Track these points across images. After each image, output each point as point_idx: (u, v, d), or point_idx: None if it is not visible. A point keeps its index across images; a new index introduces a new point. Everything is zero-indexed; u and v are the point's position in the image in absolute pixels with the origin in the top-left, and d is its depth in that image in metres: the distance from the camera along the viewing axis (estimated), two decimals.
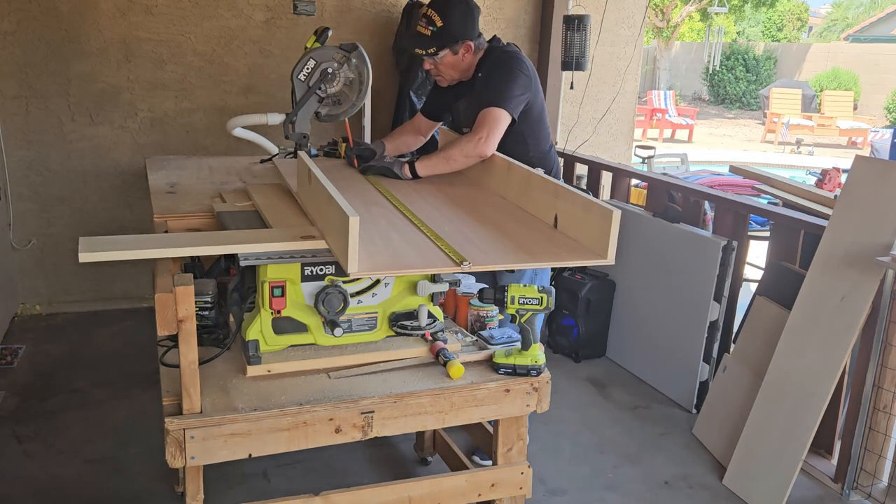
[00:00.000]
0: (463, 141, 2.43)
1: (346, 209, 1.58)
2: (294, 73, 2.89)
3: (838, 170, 5.34)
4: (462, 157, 2.42)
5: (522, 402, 1.94)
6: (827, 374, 2.60)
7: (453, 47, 2.54)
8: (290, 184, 2.30)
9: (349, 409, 1.76)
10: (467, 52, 2.57)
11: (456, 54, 2.56)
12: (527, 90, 2.54)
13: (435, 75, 2.68)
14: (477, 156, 2.40)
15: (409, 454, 2.91)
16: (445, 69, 2.61)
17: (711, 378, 3.29)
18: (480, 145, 2.38)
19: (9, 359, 3.55)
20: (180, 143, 4.22)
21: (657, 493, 2.77)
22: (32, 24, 3.85)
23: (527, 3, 4.78)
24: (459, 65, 2.60)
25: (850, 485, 2.73)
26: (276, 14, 4.24)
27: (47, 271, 4.16)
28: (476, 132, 2.41)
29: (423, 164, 2.45)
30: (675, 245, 3.49)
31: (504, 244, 1.83)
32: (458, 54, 2.56)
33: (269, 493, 2.58)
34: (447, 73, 2.64)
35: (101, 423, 3.04)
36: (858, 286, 2.58)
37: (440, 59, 2.56)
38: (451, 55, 2.56)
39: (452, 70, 2.62)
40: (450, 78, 2.65)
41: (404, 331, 1.97)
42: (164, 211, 2.23)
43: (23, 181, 4.01)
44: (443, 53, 2.55)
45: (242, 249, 1.76)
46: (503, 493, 2.05)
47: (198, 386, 1.65)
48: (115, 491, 2.62)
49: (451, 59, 2.57)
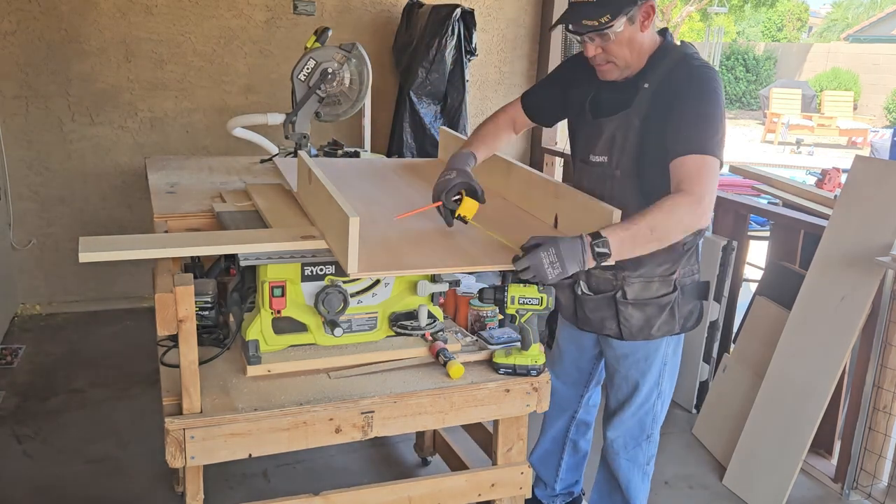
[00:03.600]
0: (678, 207, 1.71)
1: (346, 209, 1.58)
2: (294, 73, 2.89)
3: (838, 170, 5.33)
4: (680, 231, 1.75)
5: (522, 401, 1.94)
6: (827, 374, 2.60)
7: (630, 12, 1.78)
8: (290, 184, 2.30)
9: (349, 409, 1.76)
10: (647, 20, 1.82)
11: (633, 23, 1.81)
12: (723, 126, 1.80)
13: (601, 65, 1.89)
14: (697, 228, 1.77)
15: (409, 454, 2.91)
16: (619, 50, 1.84)
17: (711, 378, 3.29)
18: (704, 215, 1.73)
19: (9, 359, 3.55)
20: (180, 143, 4.22)
21: (657, 493, 2.77)
22: (32, 24, 3.85)
23: (527, 3, 4.79)
24: (636, 42, 1.84)
25: (850, 485, 2.73)
26: (276, 14, 4.24)
27: (47, 271, 4.16)
28: (692, 191, 1.71)
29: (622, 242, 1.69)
30: None
31: (505, 244, 1.83)
32: (637, 23, 1.81)
33: (269, 493, 2.58)
34: (621, 57, 1.85)
35: (101, 423, 3.04)
36: (858, 286, 2.58)
37: (616, 33, 1.80)
38: (628, 26, 1.80)
39: (628, 51, 1.84)
40: (623, 64, 1.87)
41: (404, 331, 1.97)
42: (164, 211, 2.23)
43: (23, 181, 4.01)
44: (618, 23, 1.78)
45: (242, 249, 1.76)
46: (503, 493, 2.05)
47: (198, 386, 1.65)
48: (115, 491, 2.62)
49: (628, 33, 1.81)
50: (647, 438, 2.16)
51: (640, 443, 2.16)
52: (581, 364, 2.31)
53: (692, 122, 1.76)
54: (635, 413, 2.14)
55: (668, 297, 1.98)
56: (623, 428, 2.17)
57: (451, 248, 1.81)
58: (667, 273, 1.97)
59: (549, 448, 2.47)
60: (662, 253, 1.84)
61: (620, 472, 2.21)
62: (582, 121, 2.01)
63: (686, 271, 2.00)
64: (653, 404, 2.12)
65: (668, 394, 2.14)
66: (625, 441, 2.18)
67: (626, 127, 1.88)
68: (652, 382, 2.10)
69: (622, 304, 1.98)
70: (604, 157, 1.93)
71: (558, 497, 2.55)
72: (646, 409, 2.12)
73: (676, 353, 2.12)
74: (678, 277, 1.98)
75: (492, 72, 4.82)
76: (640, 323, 1.99)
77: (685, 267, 1.99)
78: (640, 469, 2.19)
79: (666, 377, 2.10)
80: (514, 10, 4.77)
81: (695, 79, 1.81)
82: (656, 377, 2.09)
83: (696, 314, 2.06)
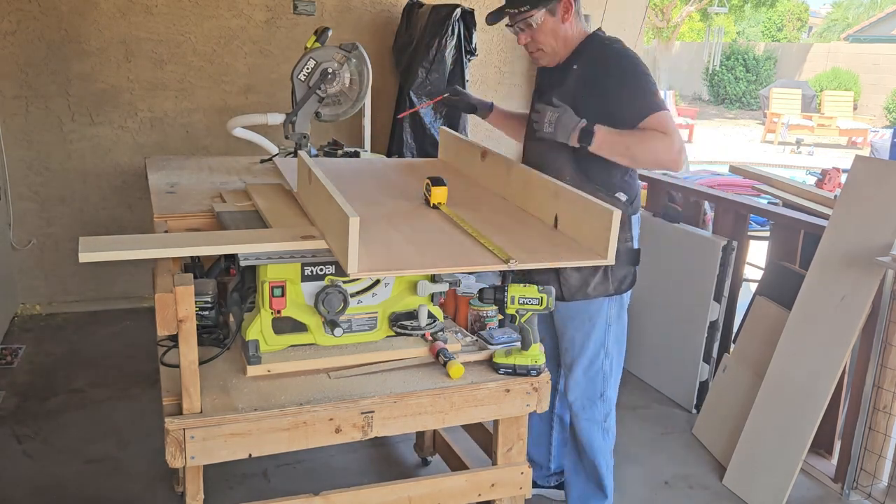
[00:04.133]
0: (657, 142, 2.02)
1: (346, 209, 1.58)
2: (294, 73, 2.89)
3: (838, 170, 5.34)
4: (652, 162, 2.11)
5: (522, 401, 1.94)
6: (827, 374, 2.60)
7: (549, 5, 2.11)
8: (290, 184, 2.30)
9: (349, 409, 1.76)
10: (568, 14, 2.14)
11: (554, 15, 2.12)
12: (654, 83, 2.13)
13: (533, 52, 2.22)
14: (666, 168, 2.08)
15: (409, 454, 2.91)
16: (545, 38, 2.15)
17: (711, 378, 3.29)
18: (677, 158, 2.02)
19: (9, 359, 3.56)
20: (180, 143, 4.22)
21: (657, 493, 2.77)
22: (32, 24, 3.85)
23: None
24: (560, 31, 2.15)
25: (850, 485, 2.73)
26: (276, 14, 4.24)
27: (47, 271, 4.16)
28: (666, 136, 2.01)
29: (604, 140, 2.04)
30: (675, 245, 3.49)
31: (504, 244, 1.82)
32: (557, 15, 2.12)
33: (269, 493, 2.58)
34: (546, 43, 2.17)
35: (101, 423, 3.04)
36: (858, 286, 2.58)
37: (538, 21, 2.12)
38: (549, 17, 2.12)
39: (552, 39, 2.16)
40: (550, 50, 2.18)
41: (404, 331, 1.97)
42: (164, 211, 2.23)
43: (23, 181, 4.01)
44: (538, 13, 2.10)
45: (242, 249, 1.76)
46: (503, 493, 2.05)
47: (198, 386, 1.65)
48: (115, 491, 2.62)
49: (550, 24, 2.13)
50: (601, 397, 2.36)
51: (594, 401, 2.36)
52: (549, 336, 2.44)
53: (635, 92, 2.07)
54: (586, 372, 2.34)
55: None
56: (578, 389, 2.37)
57: (451, 248, 1.81)
58: None
59: (539, 428, 2.61)
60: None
61: (583, 433, 2.39)
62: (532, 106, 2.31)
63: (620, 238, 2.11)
64: (601, 363, 2.33)
65: (618, 356, 2.37)
66: (582, 403, 2.37)
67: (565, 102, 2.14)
68: (598, 342, 2.31)
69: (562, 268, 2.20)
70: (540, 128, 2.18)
71: (552, 476, 2.69)
72: (595, 367, 2.33)
73: (620, 317, 2.35)
74: None
75: (492, 72, 4.82)
76: (578, 283, 2.23)
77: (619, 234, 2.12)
78: (599, 426, 2.38)
79: (611, 338, 2.32)
80: None
81: (613, 56, 2.14)
82: (601, 337, 2.31)
83: (630, 278, 2.29)
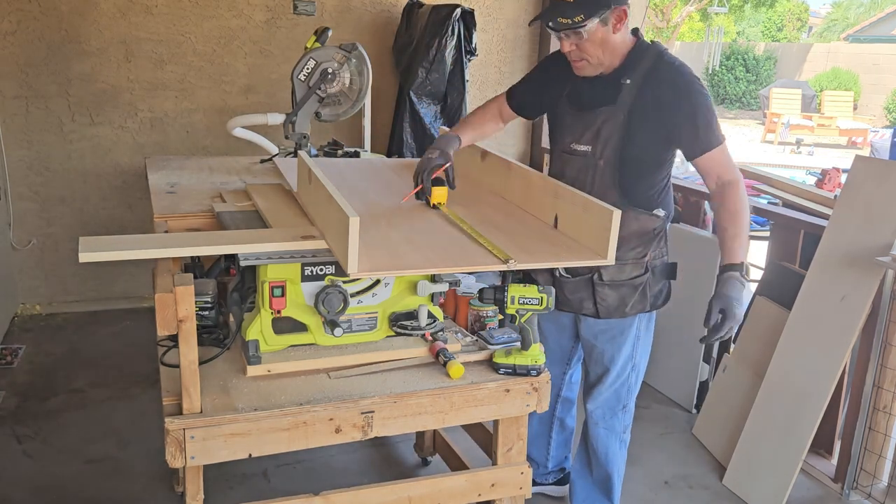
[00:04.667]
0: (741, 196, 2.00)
1: (346, 209, 1.58)
2: (294, 73, 2.89)
3: (838, 170, 5.35)
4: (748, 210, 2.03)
5: (522, 401, 1.94)
6: (827, 374, 2.60)
7: (603, 14, 1.94)
8: (290, 184, 2.30)
9: (349, 409, 1.76)
10: (619, 23, 1.98)
11: (606, 25, 1.96)
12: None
13: (576, 61, 2.05)
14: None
15: (409, 454, 2.91)
16: (592, 48, 1.99)
17: (711, 378, 3.29)
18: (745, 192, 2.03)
19: (9, 359, 3.56)
20: (180, 143, 4.22)
21: (657, 493, 2.77)
22: (32, 24, 3.85)
23: (527, 3, 4.79)
24: (609, 43, 1.99)
25: (850, 485, 2.73)
26: (276, 14, 4.24)
27: (47, 271, 4.16)
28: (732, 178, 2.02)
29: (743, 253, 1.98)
30: (675, 245, 3.47)
31: (504, 244, 1.83)
32: (609, 25, 1.97)
33: (269, 493, 2.58)
34: (594, 56, 2.01)
35: (101, 423, 3.04)
36: (858, 286, 2.58)
37: (588, 32, 1.95)
38: (600, 27, 1.96)
39: (601, 50, 2.00)
40: (596, 61, 2.02)
41: (404, 331, 1.97)
42: (164, 211, 2.23)
43: (23, 181, 4.01)
44: (591, 24, 1.93)
45: (242, 249, 1.76)
46: (503, 493, 2.05)
47: (198, 386, 1.65)
48: (115, 491, 2.62)
49: (601, 34, 1.97)
50: (624, 408, 2.34)
51: (616, 413, 2.34)
52: (562, 342, 2.43)
53: (703, 121, 2.00)
54: (612, 385, 2.30)
55: (640, 279, 2.14)
56: (601, 399, 2.34)
57: (451, 248, 1.81)
58: (639, 256, 2.13)
59: (538, 429, 2.59)
60: (635, 237, 2.09)
61: (599, 441, 2.37)
62: (565, 113, 2.16)
63: (656, 254, 2.17)
64: (627, 376, 2.30)
65: (643, 367, 2.33)
66: (603, 412, 2.35)
67: (611, 120, 2.04)
68: (626, 356, 2.26)
69: (598, 285, 2.14)
70: (588, 146, 2.08)
71: (550, 474, 2.69)
72: (621, 380, 2.30)
73: (649, 329, 2.30)
74: (649, 260, 2.15)
75: (492, 72, 4.82)
76: (616, 302, 2.16)
77: (655, 250, 2.16)
78: (618, 437, 2.37)
79: (639, 351, 2.28)
80: (514, 11, 4.77)
81: (684, 87, 2.01)
82: (630, 351, 2.26)
83: (665, 293, 2.23)
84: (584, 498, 2.46)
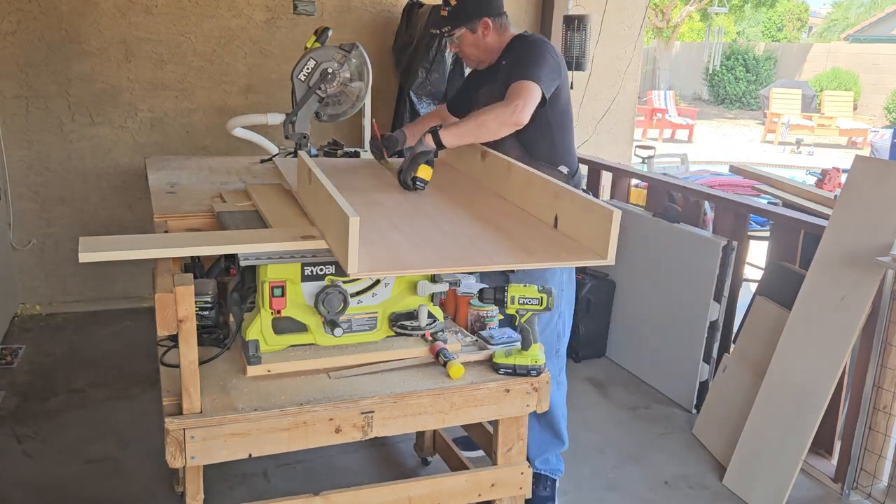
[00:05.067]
0: (497, 107, 2.26)
1: (346, 209, 1.58)
2: (294, 73, 2.89)
3: (838, 170, 5.35)
4: (496, 123, 2.25)
5: (522, 402, 1.94)
6: (827, 374, 2.60)
7: (470, 25, 2.46)
8: (290, 184, 2.30)
9: (349, 409, 1.76)
10: (487, 30, 2.48)
11: (475, 32, 2.48)
12: (557, 73, 2.39)
13: (462, 57, 2.63)
14: (513, 123, 2.25)
15: (409, 454, 2.91)
16: (468, 49, 2.53)
17: (711, 378, 3.29)
18: (517, 112, 2.22)
19: (9, 359, 3.56)
20: (180, 143, 4.22)
21: (657, 493, 2.77)
22: (32, 24, 3.85)
23: (527, 3, 4.79)
24: (481, 44, 2.51)
25: (850, 485, 2.73)
26: (276, 14, 4.24)
27: (47, 271, 4.16)
28: (510, 100, 2.24)
29: (450, 133, 2.28)
30: (675, 245, 3.49)
31: (504, 244, 1.83)
32: (478, 32, 2.48)
33: (269, 493, 2.58)
34: (471, 53, 2.55)
35: (101, 423, 3.04)
36: (858, 286, 2.58)
37: (458, 38, 2.49)
38: (469, 34, 2.49)
39: (475, 49, 2.52)
40: (475, 58, 2.57)
41: (404, 331, 1.97)
42: (164, 211, 2.23)
43: (23, 181, 4.01)
44: (459, 32, 2.48)
45: (242, 249, 1.76)
46: (503, 493, 2.05)
47: (198, 386, 1.65)
48: (115, 491, 2.62)
49: (470, 38, 2.50)
50: (556, 353, 2.57)
51: (550, 358, 2.44)
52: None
53: (517, 64, 2.35)
54: (542, 332, 2.38)
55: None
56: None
57: (451, 248, 1.81)
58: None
59: None
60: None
61: None
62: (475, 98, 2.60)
63: None
64: (556, 324, 2.55)
65: (568, 316, 2.61)
66: None
67: (494, 91, 2.40)
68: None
69: None
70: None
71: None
72: (550, 327, 2.52)
73: (571, 282, 2.59)
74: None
75: None
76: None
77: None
78: (554, 380, 2.44)
79: (564, 301, 2.55)
80: (514, 11, 4.76)
81: (525, 44, 2.45)
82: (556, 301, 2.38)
83: None
84: (538, 444, 2.58)
